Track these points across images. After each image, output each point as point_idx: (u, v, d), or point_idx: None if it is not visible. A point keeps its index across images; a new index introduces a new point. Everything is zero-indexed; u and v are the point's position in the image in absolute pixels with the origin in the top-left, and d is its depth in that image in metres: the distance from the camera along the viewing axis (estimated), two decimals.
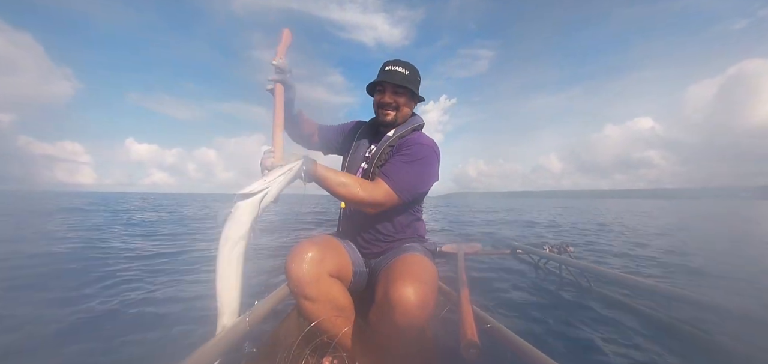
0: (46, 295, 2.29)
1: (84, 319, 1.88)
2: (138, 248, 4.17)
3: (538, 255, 3.24)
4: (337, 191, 1.08)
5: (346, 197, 1.10)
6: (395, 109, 1.28)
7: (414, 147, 1.22)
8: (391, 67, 1.27)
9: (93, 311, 2.01)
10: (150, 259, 3.56)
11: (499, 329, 1.24)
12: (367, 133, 1.39)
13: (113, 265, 3.19)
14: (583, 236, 6.14)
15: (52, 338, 1.67)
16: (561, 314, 2.07)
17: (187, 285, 2.61)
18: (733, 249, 4.93)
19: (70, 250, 3.94)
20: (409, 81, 1.27)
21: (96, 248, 4.15)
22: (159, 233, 5.82)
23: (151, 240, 4.93)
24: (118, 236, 5.24)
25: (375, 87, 1.31)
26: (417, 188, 1.22)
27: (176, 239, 5.17)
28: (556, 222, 9.29)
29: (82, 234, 5.33)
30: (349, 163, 1.36)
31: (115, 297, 2.24)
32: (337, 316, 1.13)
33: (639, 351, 1.61)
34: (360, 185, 1.11)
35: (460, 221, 9.69)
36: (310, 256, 1.08)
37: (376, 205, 1.14)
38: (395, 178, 1.16)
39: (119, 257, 3.57)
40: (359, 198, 1.11)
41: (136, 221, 7.74)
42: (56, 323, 1.80)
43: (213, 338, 0.96)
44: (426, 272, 1.06)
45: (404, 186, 1.16)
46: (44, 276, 2.82)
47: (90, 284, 2.52)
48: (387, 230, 1.30)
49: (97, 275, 2.77)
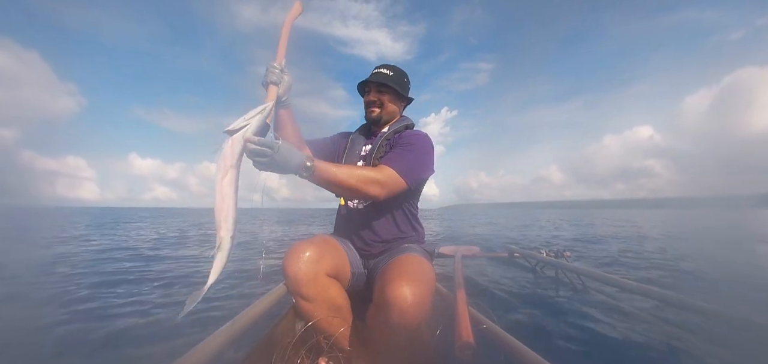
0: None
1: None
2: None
3: (535, 259, 3.26)
4: (345, 181, 1.04)
5: (353, 186, 1.06)
6: (380, 106, 1.34)
7: (410, 137, 1.27)
8: (378, 69, 1.37)
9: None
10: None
11: (494, 330, 1.24)
12: (361, 134, 1.43)
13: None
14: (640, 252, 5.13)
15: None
16: (557, 316, 2.08)
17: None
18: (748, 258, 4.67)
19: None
20: (392, 80, 1.33)
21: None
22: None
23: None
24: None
25: (364, 88, 1.38)
26: (420, 172, 1.24)
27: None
28: (594, 236, 8.00)
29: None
30: (344, 161, 1.37)
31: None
32: (334, 316, 1.13)
33: (635, 353, 1.62)
34: (366, 171, 1.11)
35: (473, 233, 9.37)
36: (308, 255, 1.08)
37: (385, 187, 1.12)
38: (399, 163, 1.16)
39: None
40: (367, 180, 1.08)
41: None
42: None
43: (209, 338, 0.96)
44: (423, 272, 1.07)
45: (408, 170, 1.17)
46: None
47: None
48: (385, 231, 1.30)
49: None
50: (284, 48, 1.11)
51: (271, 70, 1.06)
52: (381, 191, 1.11)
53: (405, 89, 1.38)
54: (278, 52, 1.10)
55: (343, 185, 1.05)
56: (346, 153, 1.39)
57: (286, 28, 1.11)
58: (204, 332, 0.98)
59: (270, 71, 1.06)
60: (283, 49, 1.11)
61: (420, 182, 1.30)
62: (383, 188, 1.11)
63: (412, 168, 1.19)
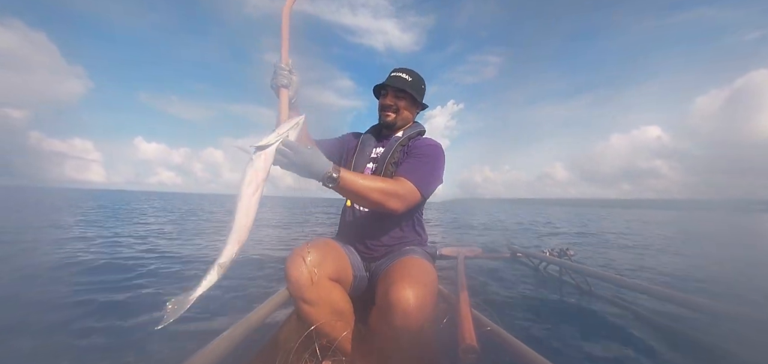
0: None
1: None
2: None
3: (538, 258, 3.24)
4: (368, 195, 1.06)
5: (376, 200, 1.08)
6: (395, 111, 1.34)
7: (425, 148, 1.28)
8: (396, 73, 1.35)
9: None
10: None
11: (498, 332, 1.23)
12: (372, 136, 1.42)
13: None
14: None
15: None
16: (561, 317, 2.07)
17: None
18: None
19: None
20: (411, 87, 1.32)
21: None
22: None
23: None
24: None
25: (380, 90, 1.37)
26: (435, 184, 1.27)
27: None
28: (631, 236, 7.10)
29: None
30: (355, 162, 1.37)
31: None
32: (337, 320, 1.13)
33: (639, 354, 1.60)
34: (387, 184, 1.12)
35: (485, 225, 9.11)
36: (310, 259, 1.08)
37: (404, 201, 1.14)
38: (416, 175, 1.18)
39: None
40: (389, 194, 1.09)
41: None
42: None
43: (210, 343, 0.96)
44: (425, 274, 1.06)
45: (425, 183, 1.20)
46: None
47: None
48: (388, 234, 1.30)
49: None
50: (287, 46, 1.08)
51: (280, 74, 1.04)
52: (401, 205, 1.14)
53: (422, 96, 1.38)
54: (282, 53, 1.07)
55: (366, 198, 1.07)
56: (356, 154, 1.38)
57: (285, 23, 1.08)
58: (205, 338, 0.98)
59: (279, 74, 1.04)
60: (286, 47, 1.08)
61: (432, 193, 1.31)
62: (403, 202, 1.14)
63: (429, 181, 1.22)
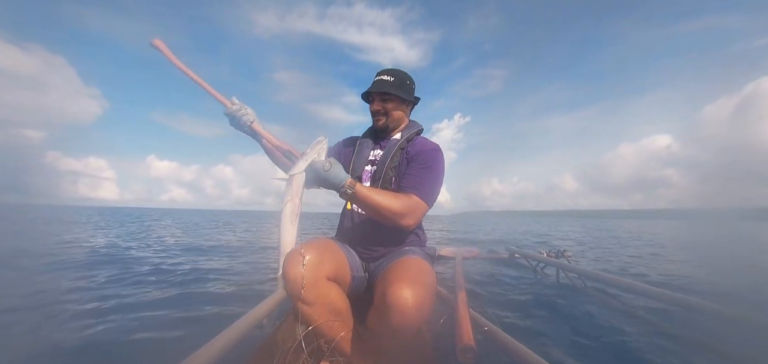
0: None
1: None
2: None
3: (536, 259, 3.25)
4: (379, 212, 1.13)
5: (387, 218, 1.14)
6: (384, 115, 1.34)
7: (426, 156, 1.27)
8: (379, 76, 1.34)
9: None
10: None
11: (496, 332, 1.24)
12: (369, 138, 1.42)
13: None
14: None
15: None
16: (558, 318, 2.07)
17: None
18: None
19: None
20: (394, 87, 1.30)
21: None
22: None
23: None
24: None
25: (368, 98, 1.37)
26: (438, 192, 1.28)
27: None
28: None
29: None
30: (353, 164, 1.37)
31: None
32: (335, 320, 1.13)
33: (636, 354, 1.61)
34: (397, 201, 1.16)
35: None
36: (308, 259, 1.08)
37: (414, 218, 1.19)
38: (423, 190, 1.21)
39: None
40: (400, 213, 1.15)
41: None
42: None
43: (207, 344, 0.95)
44: (424, 274, 1.06)
45: (430, 195, 1.23)
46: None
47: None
48: (387, 235, 1.30)
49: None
50: (212, 90, 1.21)
51: (241, 115, 1.19)
52: (412, 222, 1.19)
53: (409, 92, 1.35)
54: (219, 101, 1.21)
55: (380, 215, 1.14)
56: (353, 158, 1.38)
57: (189, 72, 1.19)
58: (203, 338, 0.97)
59: (241, 116, 1.19)
60: (213, 92, 1.21)
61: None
62: (414, 219, 1.19)
63: (434, 192, 1.25)
